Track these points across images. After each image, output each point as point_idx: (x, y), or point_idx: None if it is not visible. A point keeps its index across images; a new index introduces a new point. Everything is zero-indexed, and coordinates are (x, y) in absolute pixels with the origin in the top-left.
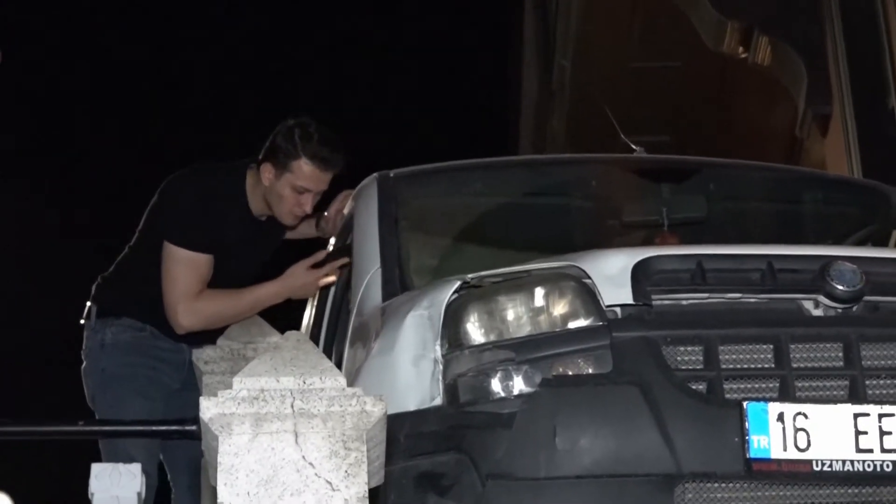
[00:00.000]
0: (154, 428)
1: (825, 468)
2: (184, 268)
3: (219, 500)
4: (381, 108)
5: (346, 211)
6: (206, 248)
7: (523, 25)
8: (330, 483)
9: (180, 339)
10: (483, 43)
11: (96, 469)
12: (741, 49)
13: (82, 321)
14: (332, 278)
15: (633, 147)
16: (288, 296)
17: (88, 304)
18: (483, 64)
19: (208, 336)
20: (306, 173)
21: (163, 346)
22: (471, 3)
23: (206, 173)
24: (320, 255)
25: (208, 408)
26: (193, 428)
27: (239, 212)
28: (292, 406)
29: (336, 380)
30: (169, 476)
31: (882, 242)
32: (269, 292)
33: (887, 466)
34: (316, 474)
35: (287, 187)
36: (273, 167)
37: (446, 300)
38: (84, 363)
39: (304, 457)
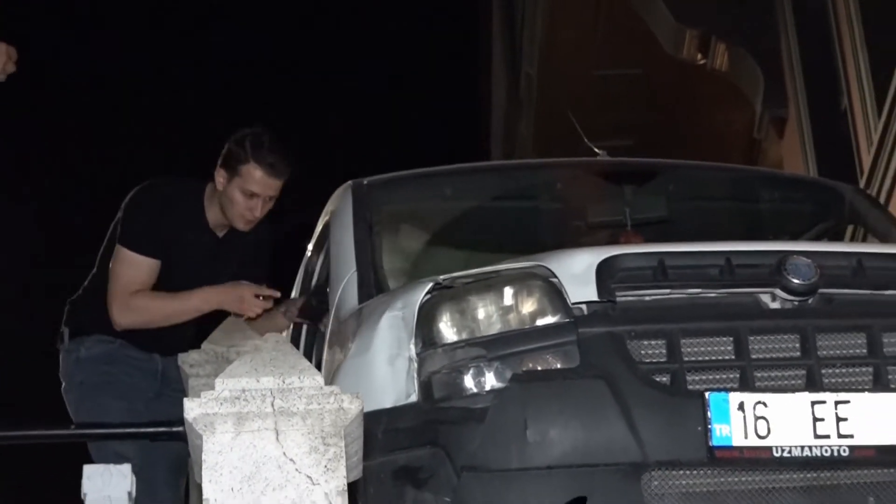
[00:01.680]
0: (143, 430)
1: (785, 454)
2: (126, 267)
3: (204, 496)
4: (357, 117)
5: (322, 218)
6: (152, 252)
7: (492, 37)
8: (310, 478)
9: (152, 350)
10: (454, 55)
11: (88, 470)
12: (699, 55)
13: (58, 346)
14: (257, 309)
15: (597, 151)
16: (219, 304)
17: (61, 328)
18: (454, 75)
19: (176, 345)
20: (255, 177)
21: (135, 356)
22: (442, 15)
23: (166, 184)
24: (265, 291)
25: (192, 408)
26: (181, 429)
27: (195, 221)
28: (272, 405)
29: (314, 379)
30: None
31: (837, 237)
32: (204, 295)
33: (844, 451)
34: (297, 470)
35: (237, 191)
36: (225, 172)
37: (419, 301)
38: (63, 384)
39: (284, 453)
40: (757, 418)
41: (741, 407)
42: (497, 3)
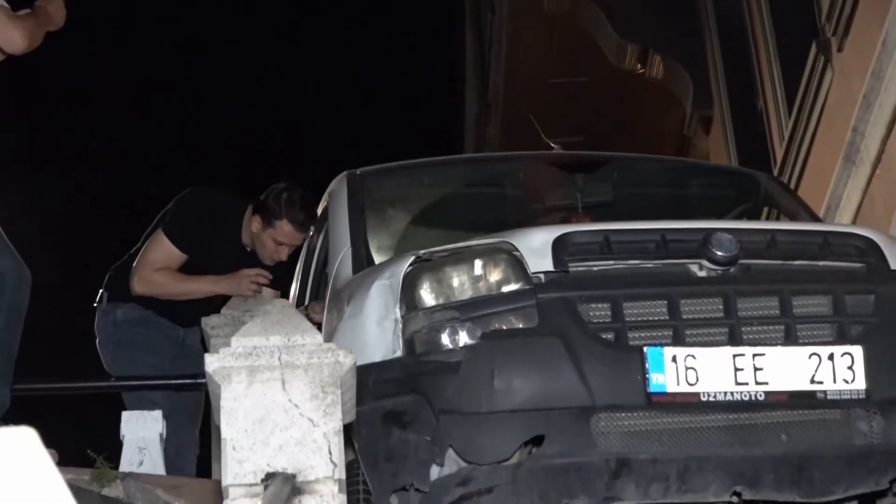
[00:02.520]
0: (172, 381)
1: (710, 399)
2: (159, 250)
3: (222, 436)
4: (354, 119)
5: (321, 203)
6: (184, 248)
7: (465, 51)
8: (311, 420)
9: (175, 321)
10: (434, 66)
11: (126, 416)
12: (639, 66)
13: (95, 305)
14: (253, 286)
15: (553, 146)
16: (224, 289)
17: (101, 291)
18: (434, 83)
19: (194, 319)
20: (285, 231)
21: (162, 323)
22: (423, 34)
23: (219, 194)
24: (261, 272)
25: (212, 362)
26: (203, 381)
27: (231, 235)
28: (279, 359)
29: (314, 337)
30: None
31: (754, 217)
32: (212, 279)
33: (760, 396)
34: (300, 413)
35: (269, 239)
36: (261, 220)
37: (403, 272)
38: (98, 338)
39: (290, 400)
40: (687, 369)
41: (674, 359)
42: (470, 19)
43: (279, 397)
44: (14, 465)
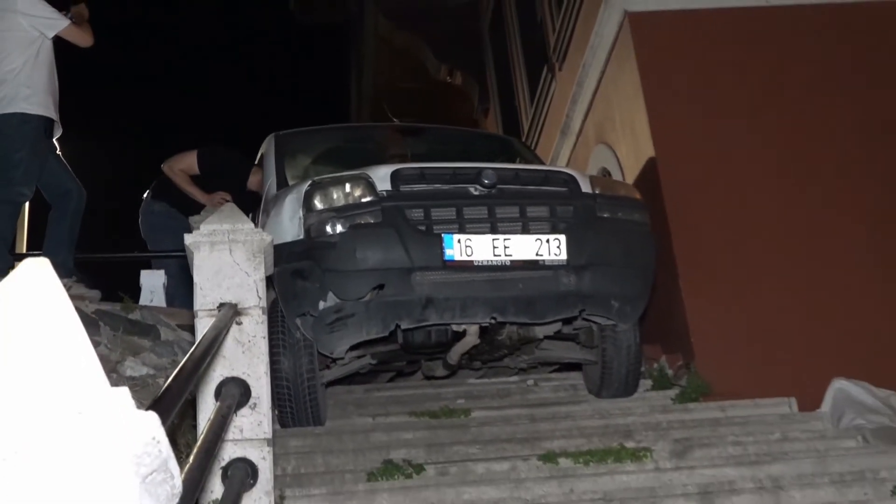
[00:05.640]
0: (174, 254)
1: (479, 264)
2: (188, 158)
3: (195, 282)
4: (280, 103)
5: (260, 151)
6: (202, 169)
7: (350, 65)
8: (247, 273)
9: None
10: (332, 73)
11: (143, 273)
12: (449, 77)
13: (143, 197)
14: (218, 203)
15: (395, 120)
16: (205, 202)
17: (148, 190)
18: (331, 84)
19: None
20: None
21: (181, 217)
22: (325, 54)
23: (237, 157)
24: (227, 196)
25: (188, 238)
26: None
27: (237, 183)
28: (228, 237)
29: (249, 225)
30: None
31: (510, 161)
32: (201, 193)
33: (507, 262)
34: (240, 269)
35: None
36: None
37: (305, 189)
38: (140, 218)
39: (234, 261)
40: (466, 246)
41: (459, 241)
42: (353, 46)
43: (227, 259)
44: (30, 290)
